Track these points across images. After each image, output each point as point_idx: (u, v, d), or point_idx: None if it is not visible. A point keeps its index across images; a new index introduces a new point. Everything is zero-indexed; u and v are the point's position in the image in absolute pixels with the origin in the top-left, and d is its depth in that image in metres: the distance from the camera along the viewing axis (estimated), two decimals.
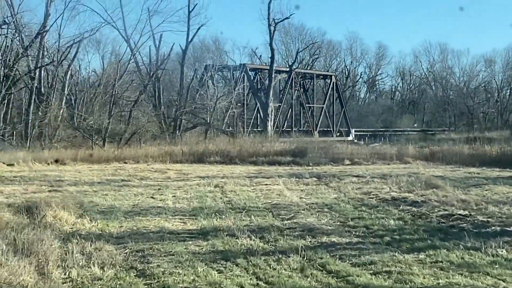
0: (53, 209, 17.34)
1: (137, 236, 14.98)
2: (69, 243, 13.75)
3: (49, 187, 25.81)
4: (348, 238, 14.50)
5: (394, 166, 38.21)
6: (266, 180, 28.61)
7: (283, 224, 16.38)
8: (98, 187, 26.05)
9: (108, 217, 17.90)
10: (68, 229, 15.97)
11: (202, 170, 35.60)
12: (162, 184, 27.30)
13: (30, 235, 13.51)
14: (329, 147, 46.26)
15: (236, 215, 17.98)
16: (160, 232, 15.36)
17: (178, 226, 16.43)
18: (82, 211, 18.62)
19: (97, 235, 15.10)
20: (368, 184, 25.99)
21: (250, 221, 16.93)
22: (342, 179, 28.55)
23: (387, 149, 44.99)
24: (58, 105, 50.50)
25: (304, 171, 34.34)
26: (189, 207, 20.02)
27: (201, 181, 28.31)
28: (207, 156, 44.23)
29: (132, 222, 16.98)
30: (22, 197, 22.50)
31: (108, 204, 20.58)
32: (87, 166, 38.86)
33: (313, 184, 26.79)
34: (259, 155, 44.40)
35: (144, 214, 18.46)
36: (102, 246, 13.57)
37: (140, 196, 22.99)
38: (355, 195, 22.65)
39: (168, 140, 52.13)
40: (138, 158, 42.78)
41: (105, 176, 31.23)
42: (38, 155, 41.01)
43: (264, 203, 20.66)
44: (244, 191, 24.16)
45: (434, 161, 41.02)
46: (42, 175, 31.42)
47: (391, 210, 18.86)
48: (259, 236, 14.63)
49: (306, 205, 20.00)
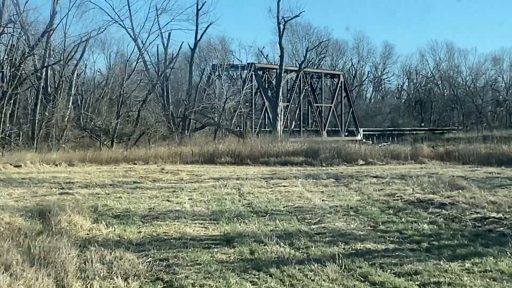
0: (67, 213, 16.51)
1: (158, 243, 14.12)
2: (87, 251, 12.92)
3: (59, 190, 24.97)
4: (383, 244, 13.61)
5: (410, 166, 37.35)
6: (283, 182, 27.76)
7: (310, 229, 15.51)
8: (110, 189, 25.21)
9: (125, 221, 17.04)
10: (84, 235, 15.12)
11: (215, 171, 34.76)
12: (176, 186, 26.42)
13: (46, 242, 12.66)
14: (341, 147, 45.26)
15: (259, 219, 17.11)
16: (182, 239, 14.49)
17: (200, 231, 15.55)
18: (97, 215, 17.79)
19: (116, 242, 14.26)
20: (389, 185, 25.09)
21: (275, 225, 16.04)
22: (361, 180, 27.70)
23: (401, 149, 43.95)
24: (65, 105, 49.67)
25: (320, 171, 33.57)
26: (208, 210, 19.15)
27: (216, 183, 27.43)
28: (217, 157, 43.40)
29: (151, 227, 16.11)
30: (32, 200, 21.70)
31: (123, 208, 19.71)
32: (96, 167, 38.07)
33: (332, 186, 25.90)
34: (270, 156, 43.58)
35: (162, 218, 17.58)
36: (122, 254, 12.71)
37: (155, 199, 22.12)
38: (379, 197, 21.75)
39: (177, 141, 51.29)
40: (147, 159, 41.97)
41: (116, 178, 30.39)
42: (46, 156, 40.23)
43: (286, 206, 19.79)
44: (263, 193, 23.30)
45: (450, 160, 40.17)
46: (51, 177, 30.58)
47: (420, 213, 17.97)
48: (288, 243, 13.76)
49: (330, 208, 19.11)
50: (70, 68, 53.07)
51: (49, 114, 46.57)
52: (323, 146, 45.29)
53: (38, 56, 49.46)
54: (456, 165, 37.75)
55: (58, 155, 41.20)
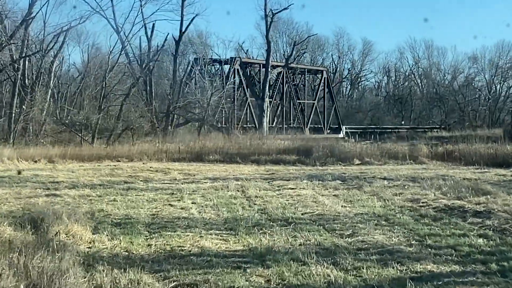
0: (64, 222, 14.28)
1: (176, 260, 11.97)
2: (95, 273, 10.74)
3: (45, 191, 22.79)
4: (446, 265, 11.53)
5: (411, 167, 35.47)
6: (287, 183, 25.71)
7: (348, 244, 13.41)
8: (100, 190, 23.03)
9: (128, 231, 14.85)
10: (85, 249, 12.95)
11: (207, 170, 32.72)
12: (173, 187, 24.26)
13: (46, 262, 10.45)
14: (334, 146, 43.36)
15: (282, 229, 14.97)
16: (202, 255, 12.35)
17: (220, 245, 13.40)
18: (95, 223, 15.55)
19: (124, 258, 12.12)
20: (406, 189, 23.07)
21: (305, 238, 13.93)
22: (371, 182, 25.69)
23: (398, 148, 42.10)
24: (44, 98, 47.17)
25: (320, 172, 31.73)
26: (220, 218, 17.01)
27: (214, 184, 25.36)
28: (205, 154, 41.46)
29: (161, 239, 13.93)
30: (17, 203, 19.56)
31: (122, 214, 17.52)
32: (78, 164, 35.92)
33: (343, 189, 23.85)
34: (261, 154, 41.68)
35: (171, 227, 15.41)
36: (139, 277, 10.55)
37: (155, 202, 19.96)
38: (402, 202, 19.75)
39: (160, 137, 49.05)
40: (132, 156, 39.87)
41: (102, 177, 28.22)
42: (24, 152, 37.88)
43: (305, 213, 17.68)
44: (272, 197, 21.22)
45: (451, 161, 38.30)
46: (33, 175, 28.40)
47: (460, 223, 15.98)
48: (331, 261, 11.67)
49: (355, 216, 17.07)
50: (48, 60, 50.54)
51: (27, 107, 43.99)
52: (315, 145, 43.30)
53: (16, 46, 46.82)
54: (459, 166, 35.88)
55: (37, 151, 38.86)
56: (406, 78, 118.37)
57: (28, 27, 46.83)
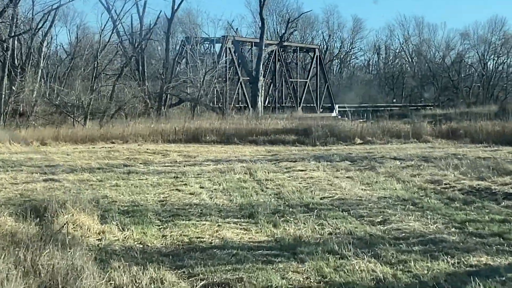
0: (69, 211, 13.04)
1: (198, 254, 10.79)
2: (112, 270, 9.55)
3: (42, 175, 21.49)
4: (500, 257, 10.36)
5: (417, 146, 34.48)
6: (294, 165, 24.51)
7: (383, 232, 12.26)
8: (100, 174, 21.79)
9: (139, 220, 13.65)
10: (95, 242, 11.77)
11: (206, 152, 31.51)
12: (175, 170, 23.01)
13: (57, 259, 9.25)
14: (334, 125, 42.22)
15: (305, 216, 13.81)
16: (226, 247, 11.17)
17: (242, 235, 12.23)
18: (101, 211, 14.31)
19: (141, 252, 10.96)
20: (422, 170, 21.94)
21: (334, 227, 12.78)
22: (382, 162, 24.55)
23: (400, 126, 40.92)
24: (34, 79, 45.67)
25: (324, 152, 30.73)
26: (233, 204, 15.82)
27: (218, 166, 24.14)
28: (202, 135, 40.26)
29: (176, 229, 12.74)
30: (14, 189, 18.29)
31: (128, 200, 16.29)
32: (72, 146, 34.66)
33: (355, 170, 22.66)
34: (258, 134, 40.56)
35: (184, 215, 14.21)
36: (161, 275, 9.38)
37: (160, 187, 18.74)
38: (422, 184, 18.61)
39: (153, 117, 47.72)
40: (126, 138, 38.62)
41: (100, 160, 26.95)
42: (15, 134, 36.54)
43: (324, 198, 16.49)
44: (284, 180, 20.03)
45: (456, 139, 37.17)
46: (27, 159, 27.08)
47: (494, 207, 14.87)
48: (371, 254, 10.52)
49: (379, 200, 15.92)
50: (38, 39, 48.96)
51: (18, 88, 42.51)
52: (314, 124, 42.16)
53: (4, 25, 45.23)
54: (466, 144, 34.83)
55: (28, 133, 37.58)
56: (397, 56, 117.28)
57: (17, 4, 45.22)
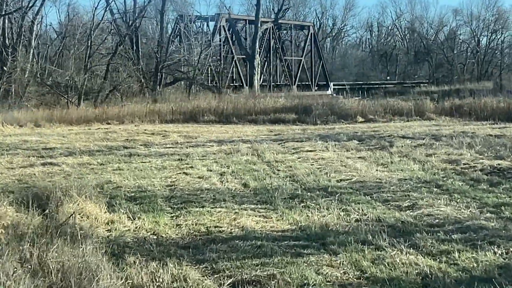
0: (74, 199, 12.10)
1: (219, 246, 9.89)
2: (127, 267, 8.69)
3: (39, 159, 20.57)
4: None
5: (421, 124, 33.60)
6: (301, 145, 23.58)
7: (414, 218, 11.39)
8: (100, 157, 20.80)
9: (148, 207, 12.75)
10: (104, 233, 10.87)
11: (207, 132, 30.59)
12: (178, 152, 22.05)
13: (66, 255, 8.35)
14: (334, 103, 41.33)
15: (325, 201, 12.94)
16: (248, 238, 10.27)
17: (263, 224, 11.33)
18: (107, 198, 13.38)
19: (156, 244, 10.06)
20: (435, 149, 21.08)
21: (360, 212, 11.91)
22: (390, 141, 23.64)
23: (402, 104, 40.01)
24: (25, 58, 44.52)
25: (328, 131, 29.91)
26: (247, 188, 14.90)
27: (222, 147, 23.19)
28: (199, 115, 39.32)
29: (190, 217, 11.84)
30: (10, 174, 17.34)
31: (133, 185, 15.34)
32: (67, 128, 33.58)
33: (366, 150, 21.79)
34: (258, 113, 39.69)
35: (196, 201, 13.29)
36: (183, 272, 8.48)
37: (165, 170, 17.79)
38: (440, 164, 17.72)
39: (148, 97, 46.66)
40: (122, 118, 37.55)
41: (98, 142, 25.95)
42: (8, 116, 35.44)
43: (341, 180, 15.58)
44: (294, 162, 19.12)
45: (459, 116, 36.35)
46: (21, 141, 26.08)
47: None
48: (408, 244, 9.65)
49: (400, 182, 15.03)
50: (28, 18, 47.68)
51: (10, 68, 41.36)
52: (314, 102, 41.29)
53: None
54: (471, 121, 34.04)
55: (21, 115, 36.45)
56: (389, 33, 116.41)
57: None
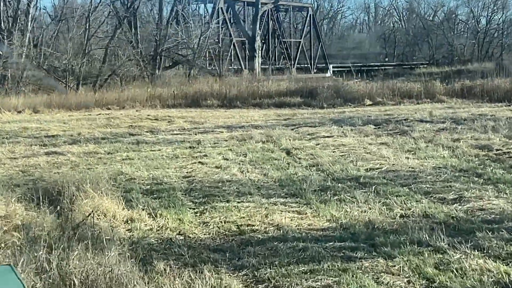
0: (89, 194, 11.00)
1: (256, 248, 8.81)
2: (156, 275, 7.58)
3: (42, 148, 19.48)
4: None
5: (434, 106, 32.33)
6: (316, 130, 22.47)
7: (466, 214, 10.34)
8: (107, 145, 19.70)
9: (168, 202, 11.66)
10: (125, 233, 9.76)
11: (211, 117, 29.45)
12: (188, 139, 20.91)
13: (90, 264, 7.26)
14: (340, 86, 40.22)
15: (361, 194, 11.85)
16: (287, 239, 9.20)
17: (299, 221, 10.25)
18: (122, 192, 12.29)
19: (186, 246, 8.97)
20: (460, 133, 19.99)
21: (403, 207, 10.82)
22: (410, 126, 22.59)
23: (410, 86, 38.88)
24: (22, 42, 43.19)
25: (338, 115, 28.86)
26: (270, 179, 13.80)
27: (233, 134, 22.10)
28: (202, 99, 38.12)
29: (216, 214, 10.77)
30: (14, 166, 16.24)
31: (148, 177, 14.22)
32: (67, 114, 32.41)
33: (386, 135, 20.70)
34: (262, 97, 38.49)
35: (219, 195, 12.18)
36: (223, 282, 7.44)
37: (178, 159, 16.67)
38: (470, 150, 16.64)
39: (148, 81, 45.45)
40: (123, 103, 36.38)
41: (101, 129, 24.83)
42: (5, 102, 34.32)
43: (371, 169, 14.48)
44: (313, 149, 18.02)
45: (471, 98, 35.21)
46: (21, 128, 24.98)
47: None
48: (471, 245, 8.58)
49: (435, 171, 13.96)
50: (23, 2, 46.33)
51: (6, 52, 40.08)
52: (319, 85, 40.18)
53: None
54: (485, 103, 32.91)
55: (19, 101, 35.28)
56: (386, 14, 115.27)
57: None
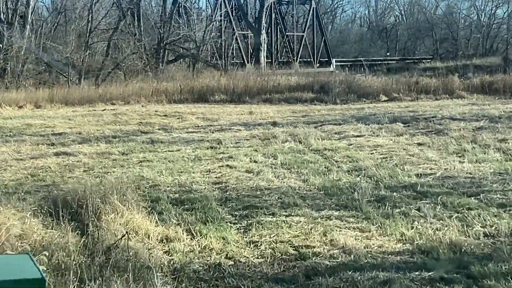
0: (116, 207, 9.42)
1: (328, 280, 7.29)
2: None
3: (50, 147, 17.92)
4: None
5: (456, 102, 30.86)
6: (342, 129, 20.91)
7: None
8: (120, 145, 18.10)
9: (204, 215, 10.11)
10: (164, 258, 8.18)
11: (223, 113, 27.84)
12: (206, 138, 19.32)
13: None
14: (352, 81, 38.67)
15: (425, 206, 10.31)
16: (360, 266, 7.72)
17: (365, 241, 8.72)
18: (149, 202, 10.73)
19: (239, 276, 7.40)
20: (504, 133, 18.54)
21: (483, 224, 9.29)
22: (442, 124, 21.05)
23: (426, 81, 37.35)
24: (21, 35, 41.61)
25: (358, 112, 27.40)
26: (312, 185, 12.28)
27: (253, 132, 20.51)
28: (209, 94, 36.43)
29: (265, 231, 9.23)
30: (21, 169, 14.74)
31: (172, 183, 12.66)
32: (70, 109, 30.77)
33: (420, 134, 19.16)
34: (271, 92, 36.83)
35: (261, 206, 10.60)
36: None
37: (202, 162, 15.07)
38: None
39: (152, 75, 43.85)
40: (127, 98, 34.68)
41: (109, 126, 23.21)
42: (6, 96, 32.72)
43: (423, 175, 12.94)
44: (348, 150, 16.49)
45: (493, 94, 33.75)
46: (25, 125, 23.38)
47: None
48: None
49: (497, 178, 12.50)
50: None
51: (6, 45, 38.44)
52: (331, 80, 38.66)
53: None
54: (508, 99, 31.50)
55: (20, 95, 33.66)
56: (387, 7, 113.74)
57: None
